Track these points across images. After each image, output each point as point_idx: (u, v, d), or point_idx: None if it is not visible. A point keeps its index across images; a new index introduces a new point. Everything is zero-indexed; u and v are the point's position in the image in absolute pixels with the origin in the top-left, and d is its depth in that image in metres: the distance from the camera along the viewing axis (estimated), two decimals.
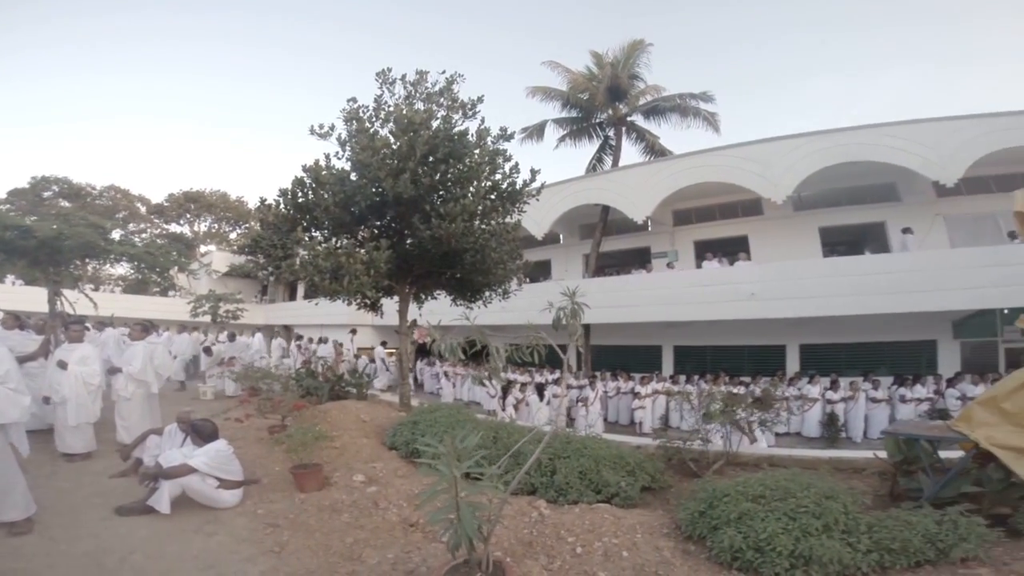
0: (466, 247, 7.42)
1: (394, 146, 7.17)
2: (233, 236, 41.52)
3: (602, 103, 17.55)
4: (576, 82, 17.92)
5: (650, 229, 17.64)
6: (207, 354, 12.94)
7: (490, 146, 7.80)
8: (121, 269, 28.81)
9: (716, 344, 14.53)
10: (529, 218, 13.94)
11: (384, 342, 18.18)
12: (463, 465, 2.36)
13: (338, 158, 7.75)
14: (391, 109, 7.76)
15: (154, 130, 78.16)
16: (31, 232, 7.91)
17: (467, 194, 7.24)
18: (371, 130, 7.59)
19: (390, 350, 17.00)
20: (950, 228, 12.97)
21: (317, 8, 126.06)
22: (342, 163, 7.78)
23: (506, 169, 7.95)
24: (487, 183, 7.73)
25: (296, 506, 4.39)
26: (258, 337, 16.25)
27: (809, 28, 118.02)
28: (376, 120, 7.82)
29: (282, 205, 7.65)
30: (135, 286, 32.57)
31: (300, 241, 7.27)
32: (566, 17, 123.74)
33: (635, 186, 15.26)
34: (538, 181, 8.21)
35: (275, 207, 7.66)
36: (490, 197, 7.78)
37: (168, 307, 25.45)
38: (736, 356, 14.11)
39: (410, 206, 7.34)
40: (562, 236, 20.30)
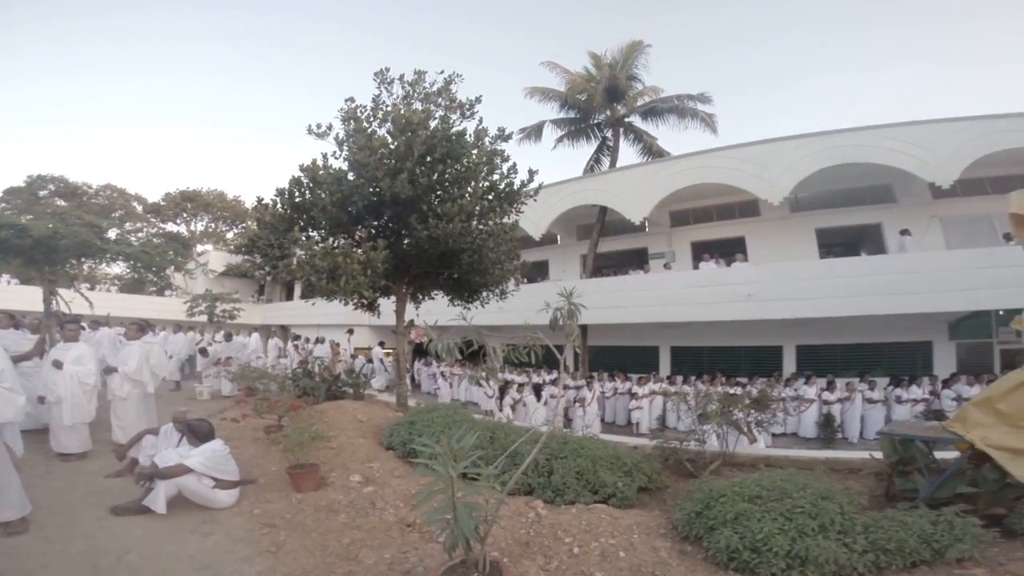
0: (463, 247, 7.42)
1: (392, 146, 7.17)
2: (230, 236, 41.43)
3: (600, 104, 17.57)
4: (574, 83, 17.94)
5: (647, 230, 17.67)
6: (203, 355, 12.89)
7: (488, 146, 7.79)
8: (117, 268, 28.77)
9: (713, 345, 14.56)
10: (527, 218, 13.96)
11: (382, 342, 18.16)
12: (459, 465, 2.36)
13: (335, 158, 7.75)
14: (389, 109, 7.76)
15: (151, 129, 78.08)
16: (27, 231, 7.89)
17: (465, 194, 7.23)
18: (369, 130, 7.58)
19: (388, 350, 16.98)
20: (946, 230, 13.03)
21: (316, 8, 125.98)
22: (339, 163, 7.77)
23: (504, 169, 7.95)
24: (485, 183, 7.73)
25: (293, 506, 4.39)
26: (254, 337, 16.21)
27: (808, 29, 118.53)
28: (374, 120, 7.81)
29: (279, 205, 7.64)
30: (131, 285, 32.50)
31: (297, 241, 7.25)
32: (565, 18, 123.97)
33: (633, 187, 15.28)
34: (536, 181, 8.22)
35: (272, 207, 7.65)
36: (488, 197, 7.78)
37: (164, 307, 25.35)
38: (733, 357, 14.14)
39: (407, 206, 7.33)
40: (560, 237, 20.32)
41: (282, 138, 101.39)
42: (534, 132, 18.97)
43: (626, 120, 18.37)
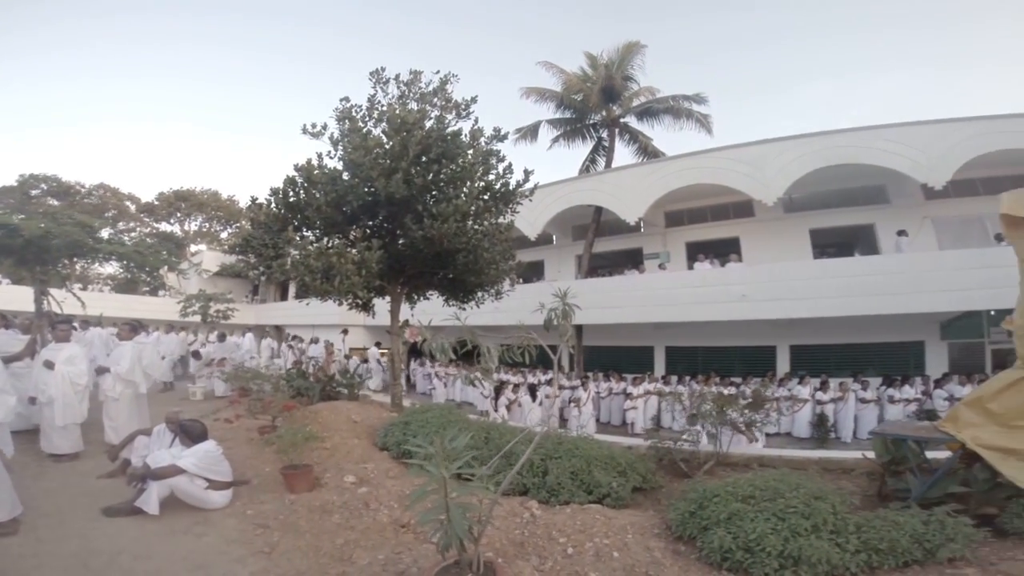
0: (459, 247, 7.41)
1: (387, 146, 7.16)
2: (224, 235, 41.23)
3: (596, 104, 17.60)
4: (570, 83, 17.96)
5: (642, 230, 17.69)
6: (196, 358, 12.74)
7: (483, 146, 7.80)
8: (110, 268, 28.63)
9: (707, 345, 14.59)
10: (522, 219, 13.94)
11: (378, 343, 18.10)
12: (453, 466, 2.36)
13: (330, 157, 7.73)
14: (384, 109, 7.74)
15: (145, 129, 77.52)
16: (18, 230, 7.81)
17: (460, 194, 7.23)
18: (364, 130, 7.57)
19: (383, 350, 16.93)
20: (938, 230, 13.11)
21: (312, 8, 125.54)
22: (334, 163, 7.75)
23: (499, 169, 7.96)
24: (480, 183, 7.73)
25: (286, 507, 4.37)
26: (248, 337, 16.13)
27: (804, 32, 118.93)
28: (369, 120, 7.80)
29: (273, 204, 7.62)
30: (125, 285, 32.32)
31: (291, 241, 7.23)
32: (562, 20, 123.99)
33: (628, 187, 15.30)
34: (531, 182, 8.23)
35: (266, 206, 7.63)
36: (483, 197, 7.78)
37: (158, 307, 25.23)
38: (727, 357, 14.18)
39: (402, 206, 7.32)
40: (555, 237, 20.32)
41: (277, 138, 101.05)
42: (530, 132, 18.97)
43: (622, 120, 18.41)
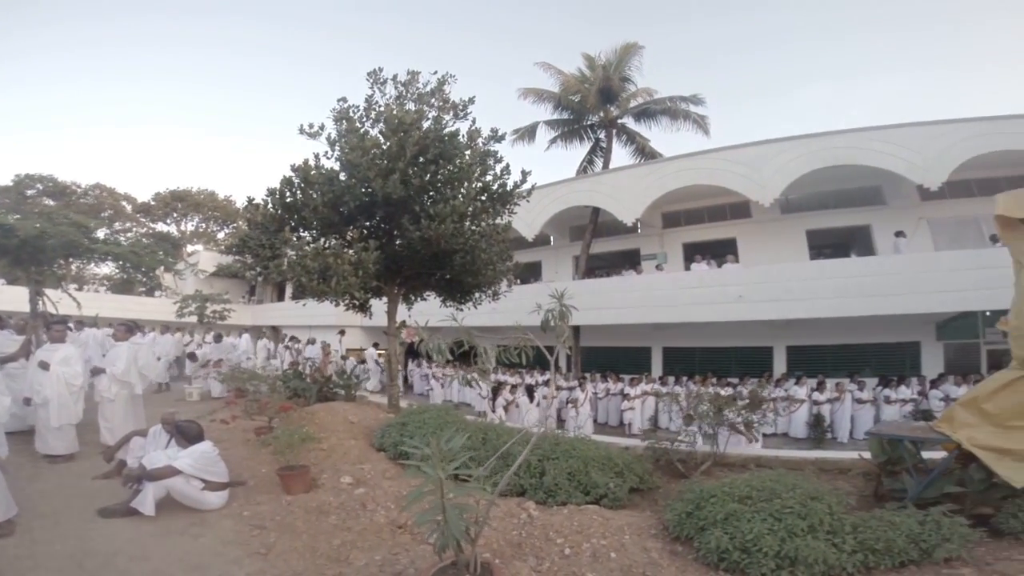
0: (456, 248, 7.40)
1: (384, 146, 7.15)
2: (221, 236, 41.12)
3: (593, 105, 17.63)
4: (568, 84, 17.99)
5: (640, 231, 17.71)
6: (192, 360, 12.64)
7: (481, 147, 7.80)
8: (106, 269, 28.49)
9: (704, 346, 14.61)
10: (520, 219, 13.96)
11: (376, 343, 18.06)
12: (449, 467, 2.35)
13: (327, 158, 7.71)
14: (382, 109, 7.74)
15: (141, 129, 77.25)
16: (13, 231, 7.77)
17: (457, 195, 7.22)
18: (361, 130, 7.56)
19: (381, 351, 16.90)
20: (934, 231, 13.16)
21: (308, 8, 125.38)
22: (331, 163, 7.74)
23: (497, 170, 7.96)
24: (478, 184, 7.73)
25: (283, 508, 4.36)
26: (245, 338, 16.10)
27: (803, 34, 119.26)
28: (366, 120, 7.79)
29: (270, 205, 7.60)
30: (121, 286, 32.17)
31: (288, 241, 7.22)
32: (560, 24, 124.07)
33: (625, 188, 15.32)
34: (529, 182, 8.23)
35: (263, 207, 7.60)
36: (481, 198, 7.78)
37: (154, 307, 25.11)
38: (724, 357, 14.21)
39: (400, 207, 7.31)
40: (553, 238, 20.33)
41: (275, 139, 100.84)
42: (528, 133, 19.00)
43: (619, 121, 18.44)
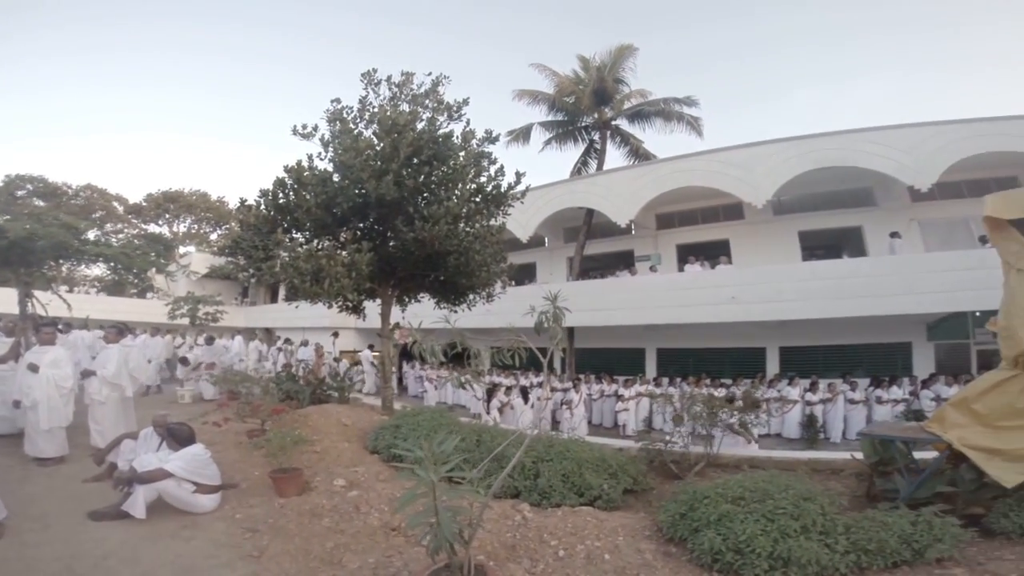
0: (450, 250, 7.39)
1: (378, 147, 7.13)
2: (214, 237, 40.91)
3: (588, 107, 17.67)
4: (563, 85, 18.02)
5: (634, 233, 17.77)
6: (183, 364, 12.47)
7: (475, 148, 7.79)
8: (97, 270, 28.24)
9: (698, 347, 14.66)
10: (514, 221, 13.95)
11: (371, 345, 18.01)
12: (442, 469, 2.34)
13: (321, 159, 7.70)
14: (376, 110, 7.72)
15: (134, 130, 76.79)
16: (2, 232, 7.73)
17: (451, 196, 7.22)
18: (355, 131, 7.54)
19: (376, 352, 16.85)
20: (924, 232, 13.28)
21: (305, 19, 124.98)
22: (325, 164, 7.72)
23: (491, 172, 7.96)
24: (472, 185, 7.73)
25: (275, 511, 4.33)
26: (238, 340, 15.97)
27: (799, 37, 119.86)
28: (360, 121, 7.78)
29: (263, 206, 7.55)
30: (112, 288, 31.90)
31: (280, 243, 7.18)
32: (555, 27, 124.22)
33: (619, 190, 15.37)
34: (523, 184, 8.23)
35: (255, 208, 7.56)
36: (475, 200, 7.77)
37: (146, 309, 24.94)
38: (717, 358, 14.26)
39: (393, 208, 7.29)
40: (547, 239, 20.35)
41: (271, 142, 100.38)
42: (522, 134, 19.01)
43: (613, 123, 18.49)
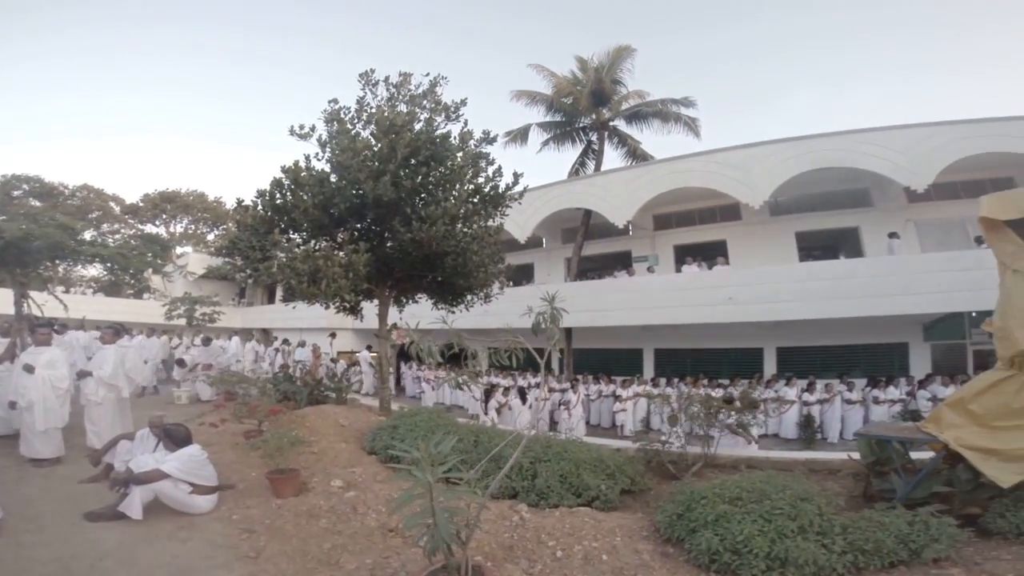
0: (447, 250, 7.39)
1: (375, 148, 7.12)
2: (211, 237, 40.79)
3: (586, 107, 17.70)
4: (561, 86, 18.05)
5: (631, 233, 17.79)
6: (180, 366, 12.38)
7: (473, 149, 7.78)
8: (93, 271, 28.11)
9: (695, 347, 14.68)
10: (512, 221, 13.94)
11: (369, 346, 18.01)
12: (438, 470, 2.34)
13: (318, 159, 7.67)
14: (373, 111, 7.71)
15: (131, 130, 76.61)
16: None
17: (449, 197, 7.21)
18: (352, 131, 7.53)
19: (375, 353, 16.83)
20: (921, 233, 13.33)
21: (303, 22, 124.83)
22: (322, 164, 7.70)
23: (489, 172, 7.95)
24: (469, 186, 7.72)
25: (273, 512, 4.32)
26: (235, 341, 15.93)
27: (795, 40, 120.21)
28: (358, 121, 7.76)
29: (260, 207, 7.53)
30: (109, 288, 31.78)
31: (277, 243, 7.16)
32: (554, 30, 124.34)
33: (617, 190, 15.39)
34: (521, 185, 8.22)
35: (252, 208, 7.54)
36: (472, 200, 7.77)
37: (142, 310, 24.86)
38: (715, 359, 14.28)
39: (390, 209, 7.28)
40: (545, 240, 20.36)
41: (269, 143, 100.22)
42: (520, 135, 19.02)
43: (611, 124, 18.53)
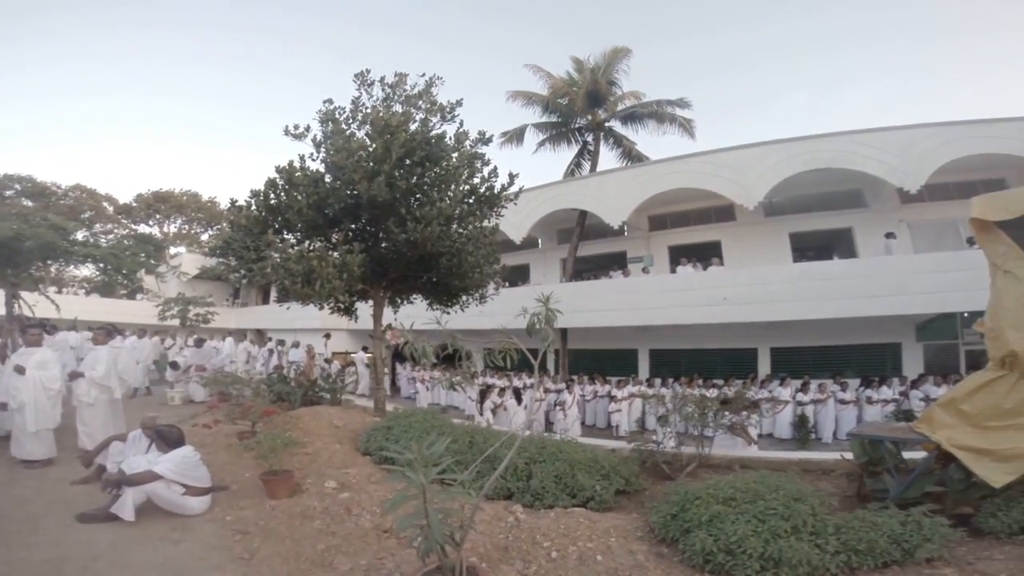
0: (442, 251, 7.37)
1: (370, 148, 7.10)
2: (204, 238, 40.57)
3: (581, 108, 17.72)
4: (557, 87, 18.05)
5: (626, 234, 17.81)
6: (173, 368, 12.26)
7: (468, 149, 7.78)
8: (86, 271, 27.91)
9: (690, 347, 14.70)
10: (507, 222, 13.95)
11: (365, 347, 17.95)
12: (432, 471, 2.33)
13: (313, 160, 7.64)
14: (368, 111, 7.69)
15: (125, 130, 76.11)
16: None
17: (444, 198, 7.20)
18: (347, 132, 7.51)
19: (370, 354, 16.77)
20: (913, 234, 13.40)
21: (300, 25, 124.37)
22: (316, 165, 7.67)
23: (484, 173, 7.95)
24: (465, 187, 7.71)
25: (266, 513, 4.30)
26: (229, 341, 15.87)
27: (792, 43, 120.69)
28: (353, 122, 7.74)
29: (254, 207, 7.50)
30: (101, 288, 31.58)
31: (271, 244, 7.13)
32: (551, 34, 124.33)
33: (612, 191, 15.40)
34: (516, 185, 8.22)
35: (246, 209, 7.50)
36: (468, 201, 7.76)
37: (135, 310, 24.71)
38: (709, 359, 14.29)
39: (385, 209, 7.26)
40: (540, 240, 20.34)
41: (262, 143, 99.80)
42: (516, 136, 19.00)
43: (607, 125, 18.54)
